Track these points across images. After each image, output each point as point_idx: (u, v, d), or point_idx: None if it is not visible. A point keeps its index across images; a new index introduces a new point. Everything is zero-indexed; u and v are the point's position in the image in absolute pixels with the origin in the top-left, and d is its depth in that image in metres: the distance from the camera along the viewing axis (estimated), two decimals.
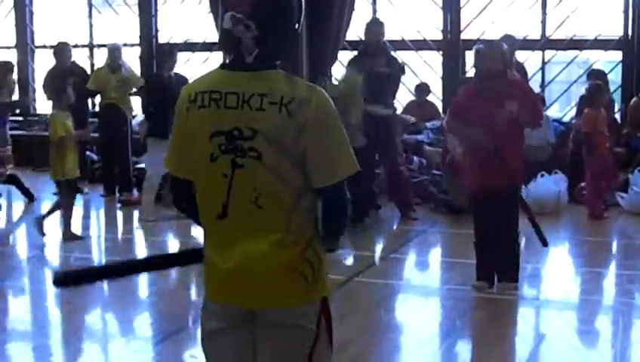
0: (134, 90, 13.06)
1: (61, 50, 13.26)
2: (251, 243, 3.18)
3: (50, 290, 8.34)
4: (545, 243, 7.90)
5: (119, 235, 11.40)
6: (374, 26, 11.28)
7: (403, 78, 11.64)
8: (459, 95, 8.27)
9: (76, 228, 11.65)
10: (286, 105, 3.11)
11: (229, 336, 3.32)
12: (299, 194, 3.19)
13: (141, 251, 10.34)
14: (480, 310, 7.58)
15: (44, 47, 16.94)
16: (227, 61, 3.26)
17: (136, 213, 12.03)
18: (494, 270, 7.69)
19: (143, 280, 8.83)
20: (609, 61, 14.57)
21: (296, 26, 3.27)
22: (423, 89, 14.21)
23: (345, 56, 12.54)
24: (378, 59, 10.84)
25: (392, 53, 11.58)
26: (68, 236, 10.27)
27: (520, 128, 7.55)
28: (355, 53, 11.66)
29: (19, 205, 12.71)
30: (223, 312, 3.31)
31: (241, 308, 3.27)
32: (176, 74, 11.52)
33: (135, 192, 12.65)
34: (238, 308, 3.27)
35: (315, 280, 3.26)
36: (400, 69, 11.24)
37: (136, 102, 13.31)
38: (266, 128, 3.12)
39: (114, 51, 13.05)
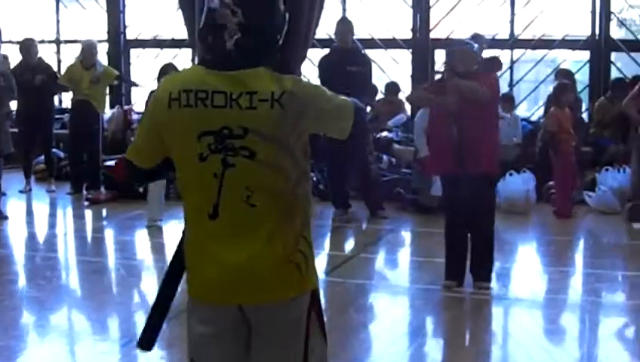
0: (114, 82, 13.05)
1: (28, 47, 13.11)
2: (242, 242, 3.15)
3: (17, 290, 8.26)
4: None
5: (88, 234, 11.30)
6: (344, 26, 11.30)
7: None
8: (428, 88, 8.28)
9: (42, 225, 11.62)
10: (278, 100, 3.09)
11: (221, 343, 3.28)
12: (295, 185, 3.19)
13: (110, 251, 10.26)
14: (449, 309, 7.58)
15: (10, 42, 16.79)
16: (208, 57, 3.20)
17: (104, 211, 11.96)
18: (465, 268, 7.70)
19: (113, 277, 8.83)
20: (577, 61, 14.67)
21: (278, 36, 3.23)
22: (392, 88, 14.22)
23: (315, 54, 12.53)
24: (350, 59, 10.83)
25: (363, 51, 11.55)
26: None
27: (492, 118, 7.64)
28: (325, 51, 11.63)
29: None
30: (212, 315, 3.26)
31: (232, 308, 3.22)
32: None
33: (103, 190, 12.57)
34: (229, 308, 3.23)
35: (308, 270, 3.24)
36: (368, 65, 11.24)
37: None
38: (259, 126, 3.09)
39: (90, 49, 12.95)
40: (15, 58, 13.20)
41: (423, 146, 11.25)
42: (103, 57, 15.56)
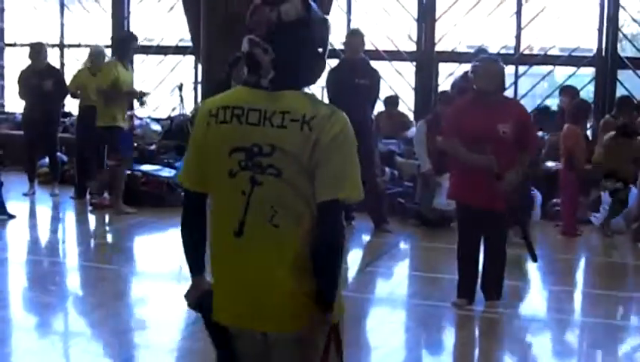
0: None
1: (38, 51, 13.05)
2: (264, 265, 3.15)
3: (19, 296, 8.24)
4: (535, 259, 7.91)
5: (90, 239, 11.27)
6: (357, 38, 11.20)
7: None
8: (453, 108, 8.15)
9: (44, 229, 11.59)
10: (308, 123, 3.11)
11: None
12: (316, 213, 3.16)
13: (114, 256, 10.23)
14: (457, 328, 7.58)
15: (14, 45, 16.78)
16: (251, 80, 3.25)
17: (107, 217, 11.93)
18: (476, 286, 7.67)
19: (115, 284, 8.79)
20: (577, 75, 14.65)
21: (320, 50, 3.24)
22: (391, 101, 14.16)
23: None
24: (359, 71, 10.80)
25: (371, 64, 11.50)
26: None
27: (513, 149, 7.43)
28: (331, 62, 11.57)
29: None
30: (233, 332, 3.29)
31: (254, 332, 3.24)
32: None
33: (106, 195, 12.53)
34: (250, 332, 3.24)
35: None
36: (376, 78, 11.22)
37: None
38: (286, 145, 3.11)
39: (97, 55, 12.88)
40: (21, 62, 13.16)
41: (424, 159, 11.28)
42: None
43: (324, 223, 3.13)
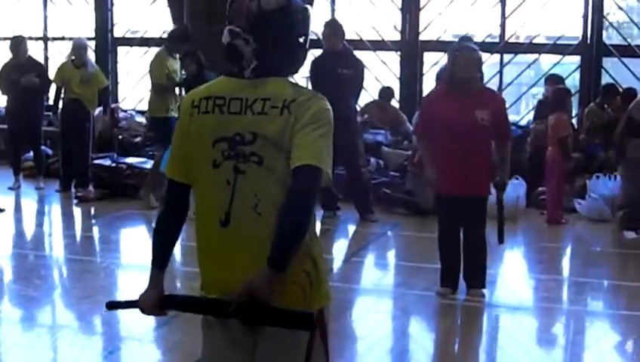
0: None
1: (17, 44, 12.99)
2: (251, 253, 3.13)
3: (4, 289, 8.22)
4: (501, 241, 7.94)
5: (75, 232, 11.25)
6: (332, 29, 11.11)
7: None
8: (429, 97, 8.18)
9: (30, 222, 11.56)
10: (287, 107, 3.11)
11: (228, 352, 3.31)
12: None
13: (99, 250, 10.21)
14: (442, 317, 7.59)
15: None
16: (234, 70, 3.25)
17: (93, 210, 11.93)
18: (459, 275, 7.69)
19: (101, 277, 8.77)
20: (562, 64, 14.66)
21: (301, 39, 3.23)
22: (387, 93, 14.12)
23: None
24: (341, 61, 10.78)
25: (354, 54, 11.47)
26: None
27: (488, 137, 7.50)
28: (314, 52, 11.51)
29: None
30: (219, 326, 3.28)
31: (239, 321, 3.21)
32: None
33: (92, 189, 12.50)
34: (235, 321, 3.20)
35: (313, 291, 3.22)
36: (360, 69, 11.20)
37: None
38: (266, 131, 3.10)
39: (80, 48, 12.82)
40: (3, 55, 13.10)
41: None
42: (90, 55, 15.52)
43: (296, 184, 3.06)
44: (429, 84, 14.49)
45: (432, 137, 7.62)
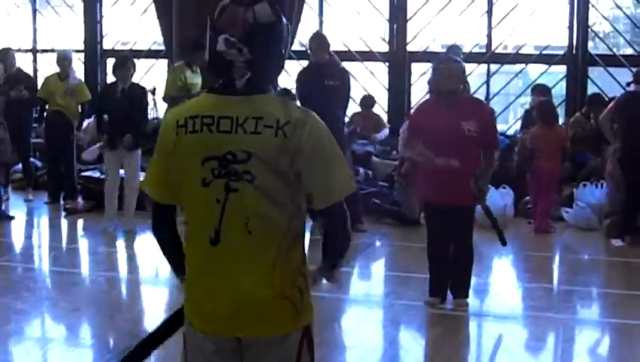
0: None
1: (5, 56, 12.97)
2: (242, 271, 3.15)
3: None
4: (504, 243, 7.97)
5: (63, 244, 11.24)
6: (317, 42, 11.07)
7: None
8: (416, 110, 8.22)
9: (18, 234, 11.56)
10: (282, 128, 3.11)
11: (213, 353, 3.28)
12: (291, 218, 3.18)
13: (84, 262, 10.22)
14: (431, 326, 7.60)
15: None
16: (217, 85, 3.24)
17: (80, 222, 11.92)
18: (447, 285, 7.71)
19: (90, 289, 8.77)
20: (549, 73, 14.73)
21: (283, 51, 3.26)
22: (367, 101, 14.17)
23: (291, 67, 12.53)
24: (328, 73, 10.74)
25: (341, 65, 11.48)
26: None
27: (475, 147, 7.51)
28: (302, 63, 11.56)
29: None
30: (208, 342, 3.26)
31: (229, 337, 3.23)
32: (133, 85, 11.16)
33: (80, 200, 12.50)
34: (225, 337, 3.23)
35: (303, 306, 3.25)
36: (347, 80, 11.18)
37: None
38: (261, 151, 3.10)
39: (64, 59, 12.82)
40: None
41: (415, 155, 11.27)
42: (79, 67, 15.55)
43: (328, 225, 3.27)
44: (417, 95, 14.57)
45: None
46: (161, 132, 3.29)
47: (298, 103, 7.28)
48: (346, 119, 12.37)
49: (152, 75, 15.87)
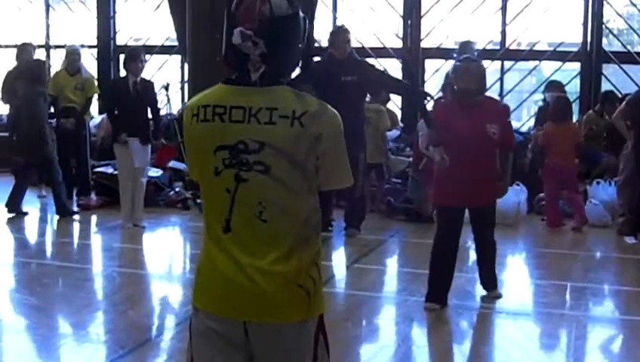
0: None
1: (24, 51, 13.01)
2: (256, 258, 3.15)
3: (6, 298, 8.24)
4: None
5: (76, 240, 11.27)
6: (342, 35, 10.85)
7: None
8: (438, 109, 8.17)
9: (32, 231, 11.60)
10: (299, 118, 3.11)
11: (223, 358, 3.27)
12: (309, 208, 3.21)
13: (97, 257, 10.25)
14: (443, 323, 7.58)
15: None
16: (233, 77, 3.24)
17: (93, 218, 11.96)
18: (449, 291, 7.72)
19: (103, 285, 8.80)
20: (563, 70, 14.69)
21: (300, 45, 3.26)
22: (382, 98, 14.10)
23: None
24: (344, 68, 10.53)
25: (359, 59, 11.27)
26: None
27: (495, 148, 7.53)
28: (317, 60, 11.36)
29: None
30: (216, 328, 3.24)
31: (237, 324, 3.21)
32: (143, 79, 11.20)
33: (93, 196, 12.54)
34: (234, 323, 3.22)
35: (316, 296, 3.24)
36: (368, 71, 10.91)
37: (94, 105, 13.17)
38: (276, 141, 3.10)
39: (73, 54, 12.85)
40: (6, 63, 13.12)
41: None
42: (92, 62, 15.59)
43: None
44: (430, 91, 14.51)
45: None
46: (183, 119, 3.33)
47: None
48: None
49: (165, 71, 15.90)
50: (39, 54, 15.99)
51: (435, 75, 14.75)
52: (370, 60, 14.35)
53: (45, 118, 11.77)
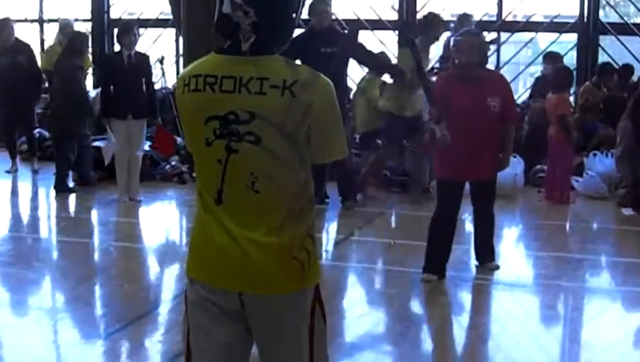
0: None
1: (2, 27, 12.85)
2: (249, 229, 3.13)
3: (2, 273, 8.22)
4: None
5: (72, 215, 11.25)
6: (320, 5, 10.62)
7: None
8: (438, 85, 8.08)
9: (27, 205, 11.56)
10: (289, 88, 3.06)
11: (218, 328, 3.25)
12: (302, 179, 3.17)
13: (94, 231, 10.22)
14: (440, 294, 7.59)
15: None
16: (225, 46, 3.20)
17: (90, 193, 11.93)
18: (447, 262, 7.74)
19: (100, 259, 8.79)
20: (559, 42, 14.65)
21: (294, 15, 3.21)
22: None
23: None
24: (324, 40, 10.33)
25: (339, 30, 11.11)
26: None
27: (497, 122, 7.49)
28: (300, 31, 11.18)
29: None
30: (211, 298, 3.23)
31: (232, 295, 3.19)
32: (138, 53, 11.16)
33: (90, 172, 12.49)
34: (228, 294, 3.19)
35: (311, 267, 3.22)
36: (350, 46, 10.55)
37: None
38: (266, 111, 3.06)
39: (66, 27, 12.77)
40: None
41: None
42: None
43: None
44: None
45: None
46: (175, 91, 3.29)
47: None
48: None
49: (160, 45, 15.83)
50: (33, 29, 15.98)
51: (431, 48, 14.65)
52: (366, 32, 14.34)
53: (83, 91, 11.72)
